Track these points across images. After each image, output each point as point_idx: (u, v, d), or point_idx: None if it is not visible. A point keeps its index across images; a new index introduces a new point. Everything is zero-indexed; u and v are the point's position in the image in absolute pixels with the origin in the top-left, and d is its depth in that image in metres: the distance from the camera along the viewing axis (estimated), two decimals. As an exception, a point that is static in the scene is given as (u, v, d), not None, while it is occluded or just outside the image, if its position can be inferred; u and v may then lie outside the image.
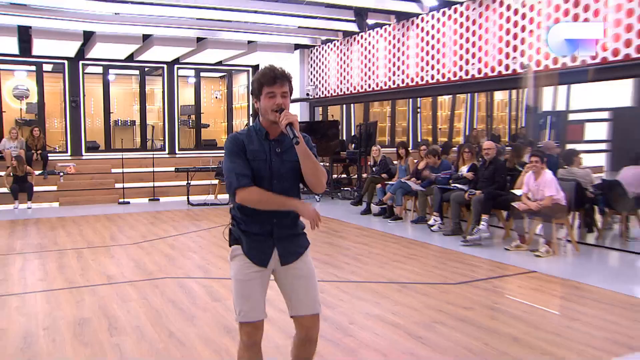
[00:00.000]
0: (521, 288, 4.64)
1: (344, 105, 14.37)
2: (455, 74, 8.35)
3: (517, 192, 6.28)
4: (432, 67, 8.78)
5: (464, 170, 7.22)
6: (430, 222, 7.31)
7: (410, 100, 14.10)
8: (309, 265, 2.36)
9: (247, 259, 2.29)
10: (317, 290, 2.35)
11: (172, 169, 10.79)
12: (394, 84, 9.66)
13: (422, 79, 9.01)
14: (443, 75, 8.54)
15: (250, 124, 2.50)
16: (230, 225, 2.36)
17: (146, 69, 12.89)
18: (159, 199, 10.83)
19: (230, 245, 2.35)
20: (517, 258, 5.68)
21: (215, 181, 11.09)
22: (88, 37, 10.84)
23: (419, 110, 14.34)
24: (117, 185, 10.77)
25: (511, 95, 12.27)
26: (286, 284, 2.34)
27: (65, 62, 11.97)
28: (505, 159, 7.23)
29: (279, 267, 2.33)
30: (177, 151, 13.08)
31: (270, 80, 2.21)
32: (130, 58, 12.22)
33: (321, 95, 11.90)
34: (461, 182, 7.11)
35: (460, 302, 4.25)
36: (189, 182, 10.23)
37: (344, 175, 12.34)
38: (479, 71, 7.85)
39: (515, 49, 7.38)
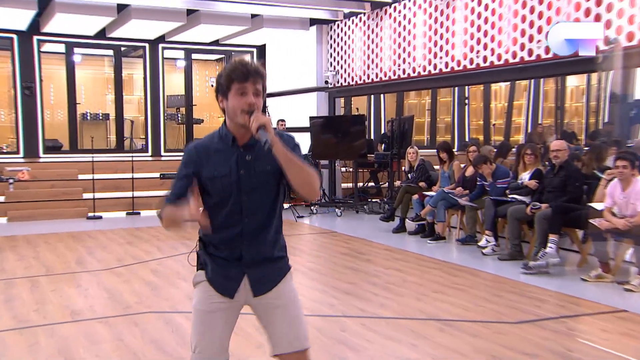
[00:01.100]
0: (604, 332, 4.56)
1: (372, 96, 14.40)
2: (514, 55, 8.27)
3: (596, 205, 6.22)
4: (485, 47, 8.72)
5: (525, 177, 7.18)
6: (482, 242, 7.29)
7: (456, 89, 14.11)
8: (288, 291, 2.40)
9: (210, 287, 2.37)
10: (302, 321, 2.38)
11: (157, 175, 10.86)
12: (435, 68, 9.62)
13: (471, 61, 8.94)
14: (499, 57, 8.46)
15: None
16: (196, 248, 2.44)
17: (123, 49, 13.01)
18: (139, 213, 10.91)
19: (197, 270, 2.43)
20: (597, 292, 5.60)
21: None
22: (44, 5, 10.46)
23: (466, 101, 14.31)
24: (86, 196, 10.86)
25: (590, 80, 12.06)
26: (263, 318, 2.40)
27: (14, 36, 11.64)
28: (580, 163, 7.17)
29: (252, 300, 2.39)
30: (162, 153, 13.17)
31: (242, 76, 2.26)
32: (101, 34, 12.29)
33: (343, 84, 11.90)
34: (522, 192, 7.08)
35: (520, 347, 4.19)
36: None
37: (371, 184, 12.32)
38: (547, 50, 7.75)
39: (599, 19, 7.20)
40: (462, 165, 8.46)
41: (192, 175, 2.31)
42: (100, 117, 14.41)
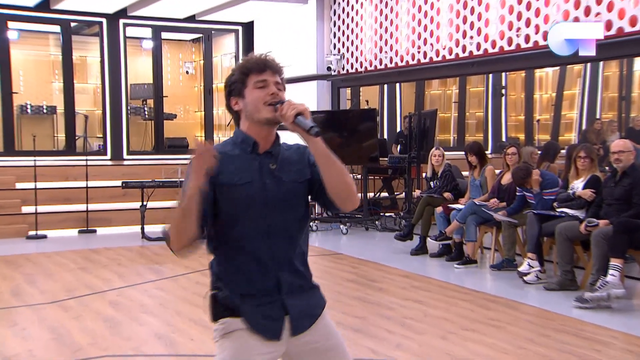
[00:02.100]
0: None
1: (385, 86, 14.36)
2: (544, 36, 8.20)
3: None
4: (528, 23, 8.66)
5: (578, 186, 7.13)
6: (523, 268, 7.24)
7: (490, 76, 14.07)
8: (331, 329, 2.54)
9: (250, 335, 2.41)
10: None
11: (118, 183, 10.78)
12: (464, 50, 9.58)
13: (509, 42, 8.89)
14: (545, 36, 8.39)
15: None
16: (213, 289, 2.50)
17: (73, 25, 13.01)
18: (95, 231, 10.88)
19: (214, 320, 2.47)
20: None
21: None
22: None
23: (503, 91, 14.29)
24: (26, 210, 10.79)
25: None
26: None
27: None
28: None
29: (288, 340, 2.47)
30: (125, 155, 13.16)
31: (259, 66, 2.44)
32: (44, 6, 12.28)
33: (350, 70, 11.87)
34: (574, 205, 7.05)
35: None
36: (145, 203, 10.24)
37: (384, 194, 12.27)
38: (608, 26, 7.66)
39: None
40: (498, 172, 8.41)
41: (209, 183, 2.35)
42: (45, 111, 14.32)
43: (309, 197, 2.50)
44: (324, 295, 2.57)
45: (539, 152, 9.02)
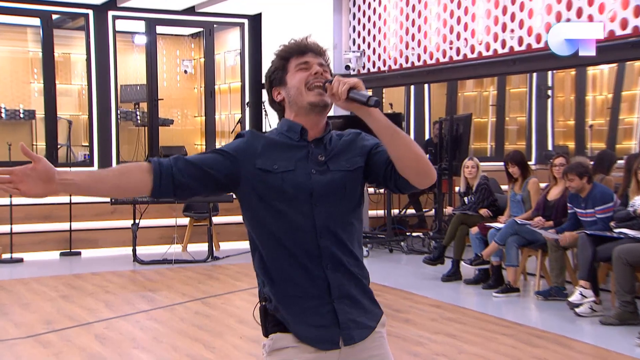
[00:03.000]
0: None
1: (412, 87, 14.31)
2: (624, 24, 8.12)
3: None
4: (579, 13, 8.59)
5: (638, 202, 7.09)
6: (574, 297, 7.20)
7: (534, 75, 13.99)
8: (383, 346, 2.62)
9: (304, 348, 2.51)
10: None
11: (107, 198, 10.76)
12: (503, 46, 9.52)
13: (538, 38, 8.80)
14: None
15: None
16: (261, 299, 2.59)
17: (55, 17, 13.05)
18: (79, 253, 10.89)
19: (266, 334, 2.57)
20: None
21: (185, 220, 11.12)
22: None
23: (549, 92, 14.20)
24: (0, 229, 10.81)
25: None
26: None
27: None
28: None
29: (340, 351, 2.55)
30: (114, 166, 13.08)
31: (299, 49, 2.56)
32: (23, -5, 12.39)
33: (371, 69, 11.87)
34: (634, 224, 7.02)
35: None
36: (137, 222, 10.23)
37: (411, 211, 12.22)
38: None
39: None
40: (543, 185, 8.39)
41: (230, 159, 2.49)
42: (22, 115, 14.30)
43: (378, 183, 2.56)
44: (382, 311, 2.66)
45: (592, 162, 8.96)
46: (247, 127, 13.69)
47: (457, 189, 9.78)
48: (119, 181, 2.40)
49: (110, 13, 12.96)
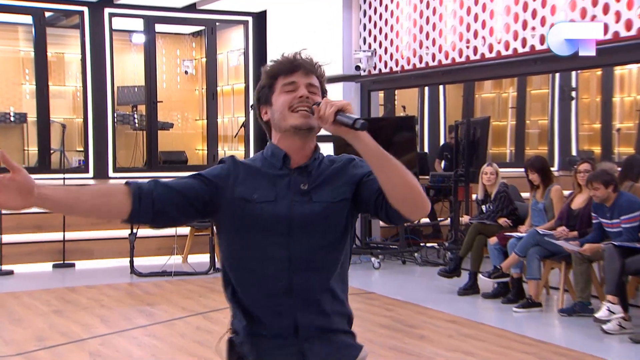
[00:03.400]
0: None
1: (426, 89, 14.31)
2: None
3: None
4: (606, 10, 8.56)
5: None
6: (601, 313, 7.14)
7: (557, 75, 13.94)
8: None
9: None
10: None
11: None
12: (524, 45, 9.50)
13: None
14: (628, 25, 8.30)
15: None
16: (229, 331, 2.62)
17: (48, 15, 13.06)
18: (73, 265, 10.89)
19: None
20: None
21: (185, 230, 11.12)
22: None
23: (573, 94, 14.14)
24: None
25: None
26: None
27: None
28: None
29: None
30: (110, 173, 13.18)
31: (287, 67, 2.54)
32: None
33: (383, 70, 11.87)
34: None
35: None
36: (134, 231, 10.21)
37: (425, 220, 12.18)
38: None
39: None
40: (567, 193, 8.37)
41: (209, 186, 2.49)
42: (12, 119, 14.37)
43: (369, 214, 2.54)
44: (361, 345, 2.61)
45: (619, 168, 8.95)
46: (252, 131, 13.71)
47: (474, 196, 9.75)
48: (98, 202, 2.40)
49: (107, 10, 12.98)
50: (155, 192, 2.43)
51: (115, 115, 13.56)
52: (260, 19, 13.79)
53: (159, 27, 13.90)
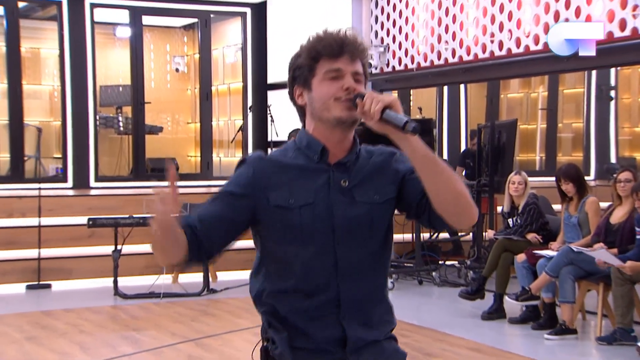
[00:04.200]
0: None
1: (446, 88, 14.30)
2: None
3: None
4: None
5: None
6: (644, 341, 7.15)
7: (593, 73, 13.92)
8: None
9: None
10: None
11: (83, 220, 10.78)
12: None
13: (621, 25, 8.81)
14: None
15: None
16: (264, 339, 2.66)
17: (22, 5, 13.09)
18: (50, 285, 10.88)
19: None
20: None
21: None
22: None
23: (613, 93, 14.11)
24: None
25: None
26: None
27: None
28: None
29: None
30: (92, 183, 13.18)
31: (333, 48, 2.55)
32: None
33: (397, 67, 11.89)
34: None
35: None
36: (119, 248, 10.20)
37: (444, 235, 12.17)
38: None
39: None
40: (605, 205, 8.35)
41: (243, 200, 2.54)
42: (-18, 122, 14.43)
43: (408, 215, 2.64)
44: (405, 352, 2.74)
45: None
46: (250, 136, 13.70)
47: (499, 209, 9.74)
48: (176, 238, 2.51)
49: (88, 0, 12.97)
50: (200, 232, 2.52)
51: (98, 118, 13.55)
52: (259, 10, 13.80)
53: (146, 20, 13.90)
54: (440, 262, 11.34)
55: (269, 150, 12.05)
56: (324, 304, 2.54)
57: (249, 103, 13.78)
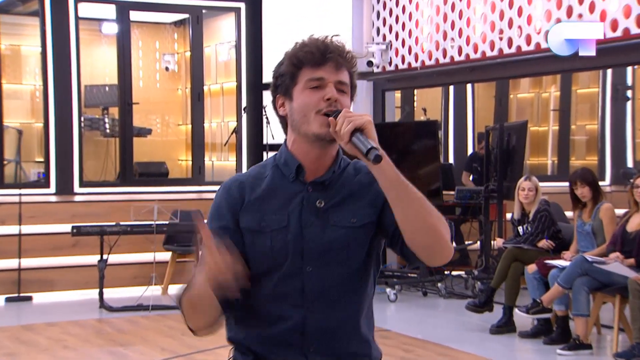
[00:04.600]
0: None
1: (451, 88, 14.30)
2: None
3: None
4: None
5: None
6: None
7: (609, 72, 13.92)
8: None
9: None
10: None
11: (66, 228, 10.78)
12: (567, 35, 9.50)
13: (638, 21, 8.81)
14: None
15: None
16: (230, 357, 2.71)
17: (1, 1, 13.09)
18: (30, 298, 10.89)
19: None
20: None
21: (166, 255, 11.12)
22: None
23: (629, 93, 14.12)
24: None
25: None
26: None
27: None
28: None
29: None
30: (77, 188, 13.14)
31: (316, 58, 2.53)
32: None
33: (400, 66, 11.90)
34: None
35: None
36: (105, 258, 10.20)
37: (452, 244, 12.20)
38: None
39: None
40: (620, 212, 8.36)
41: (231, 226, 2.54)
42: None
43: (386, 243, 2.59)
44: None
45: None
46: (245, 139, 13.69)
47: (508, 216, 9.75)
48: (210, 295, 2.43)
49: (72, -4, 13.04)
50: None
51: (82, 120, 13.54)
52: (254, 5, 13.77)
53: (134, 15, 13.89)
54: (445, 272, 11.33)
55: (265, 155, 12.06)
56: (288, 331, 2.53)
57: (244, 104, 13.75)
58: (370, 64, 11.98)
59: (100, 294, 10.13)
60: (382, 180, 2.38)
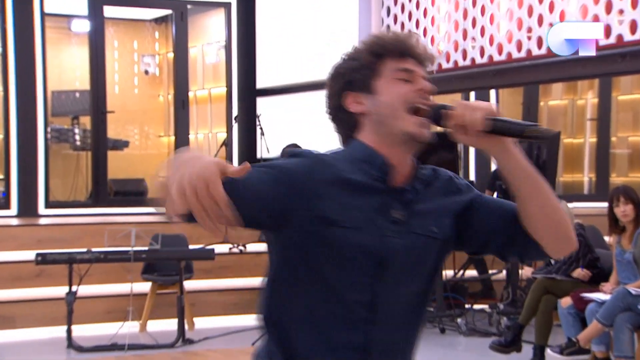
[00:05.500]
0: None
1: (473, 94, 14.32)
2: None
3: None
4: None
5: None
6: None
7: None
8: None
9: None
10: None
11: (30, 255, 10.79)
12: (607, 35, 9.54)
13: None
14: None
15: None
16: None
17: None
18: (-8, 335, 10.86)
19: None
20: None
21: (144, 286, 11.10)
22: None
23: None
24: None
25: None
26: None
27: None
28: None
29: None
30: (42, 209, 13.21)
31: (399, 49, 2.57)
32: None
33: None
34: None
35: None
36: (74, 290, 10.19)
37: (471, 273, 12.21)
38: None
39: None
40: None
41: (287, 192, 2.39)
42: None
43: (483, 251, 2.66)
44: None
45: None
46: (236, 152, 13.72)
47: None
48: None
49: (38, -10, 13.10)
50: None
51: (49, 130, 13.60)
52: (246, 4, 13.84)
53: (108, 11, 13.96)
54: (467, 306, 11.40)
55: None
56: (349, 350, 2.51)
57: (234, 112, 13.81)
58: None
59: (69, 331, 10.06)
60: (515, 168, 2.45)
